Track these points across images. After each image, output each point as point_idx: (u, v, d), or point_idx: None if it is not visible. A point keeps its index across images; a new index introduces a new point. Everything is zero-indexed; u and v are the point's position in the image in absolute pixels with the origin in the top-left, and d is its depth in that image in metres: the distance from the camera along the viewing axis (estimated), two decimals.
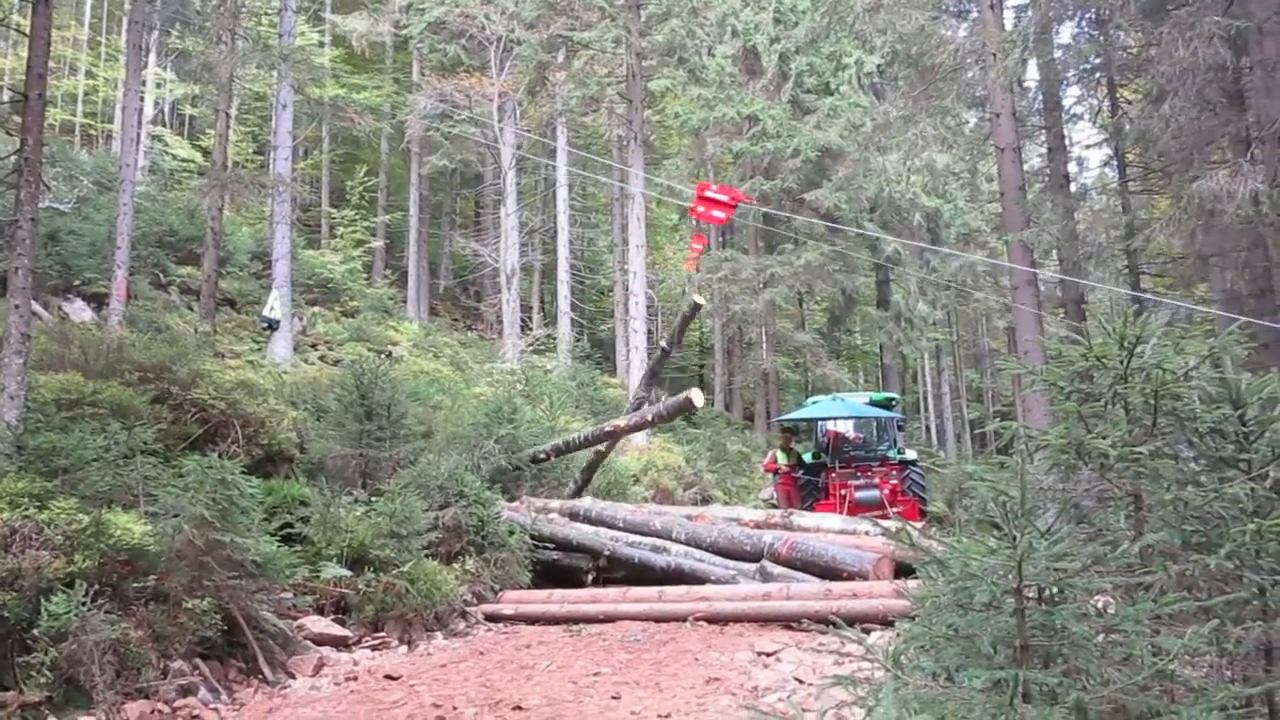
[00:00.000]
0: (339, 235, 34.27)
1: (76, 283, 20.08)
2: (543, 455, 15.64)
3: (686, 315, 15.59)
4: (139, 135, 24.05)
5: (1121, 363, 4.27)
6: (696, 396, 14.51)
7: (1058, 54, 19.76)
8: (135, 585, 7.82)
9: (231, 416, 12.00)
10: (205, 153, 30.88)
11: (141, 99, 25.65)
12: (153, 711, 7.15)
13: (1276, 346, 14.73)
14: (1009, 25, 18.70)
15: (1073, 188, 20.90)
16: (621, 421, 15.19)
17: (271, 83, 27.39)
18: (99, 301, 18.61)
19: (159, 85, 33.51)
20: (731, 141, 30.39)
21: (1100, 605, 4.00)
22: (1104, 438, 4.22)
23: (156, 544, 8.02)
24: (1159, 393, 4.16)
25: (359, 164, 36.80)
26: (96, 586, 7.25)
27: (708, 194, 15.06)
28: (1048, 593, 3.56)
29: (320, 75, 27.51)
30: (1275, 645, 3.79)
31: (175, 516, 8.11)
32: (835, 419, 20.37)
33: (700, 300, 15.25)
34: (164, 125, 34.83)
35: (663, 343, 16.85)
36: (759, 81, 30.32)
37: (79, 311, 19.07)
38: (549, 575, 13.24)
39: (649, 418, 15.60)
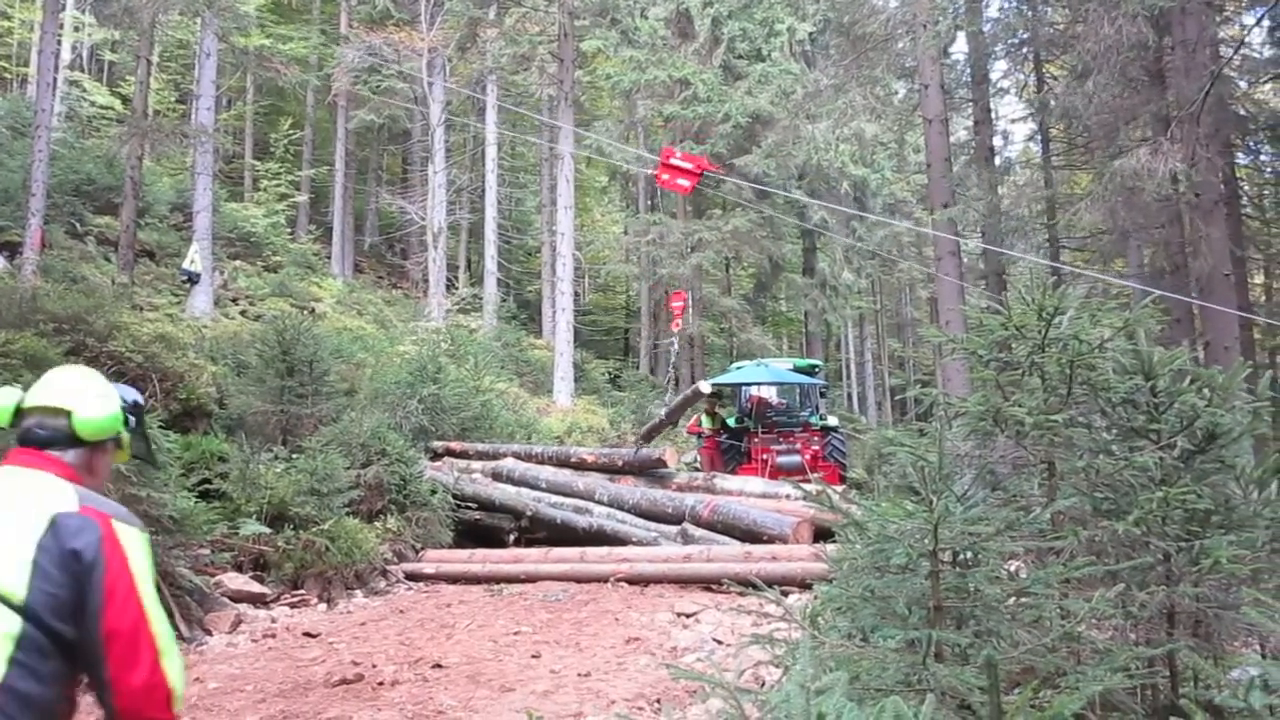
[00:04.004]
0: (262, 188, 33.61)
1: None
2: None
3: (689, 397, 15.90)
4: (55, 80, 23.36)
5: (1039, 333, 4.35)
6: (704, 385, 14.83)
7: (986, 27, 19.95)
8: None
9: (149, 370, 11.81)
10: (125, 100, 30.00)
11: (59, 42, 24.91)
12: None
13: (1189, 321, 15.10)
14: None
15: (997, 161, 21.16)
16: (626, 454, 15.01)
17: (195, 30, 26.69)
18: (12, 250, 18.09)
19: (77, 29, 32.47)
20: (662, 105, 30.26)
21: (1012, 569, 4.10)
22: (1020, 406, 4.30)
23: None
24: (1074, 363, 4.25)
25: (284, 116, 36.05)
26: None
27: (673, 161, 14.65)
28: (962, 556, 3.64)
29: (245, 24, 26.94)
30: (1177, 609, 3.91)
31: None
32: (759, 384, 20.50)
33: (705, 389, 15.46)
34: (82, 70, 33.73)
35: (661, 412, 17.25)
36: (691, 45, 30.20)
37: None
38: (471, 535, 13.25)
39: (663, 416, 16.19)
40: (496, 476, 14.45)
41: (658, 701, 6.54)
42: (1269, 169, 20.48)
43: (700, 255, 30.19)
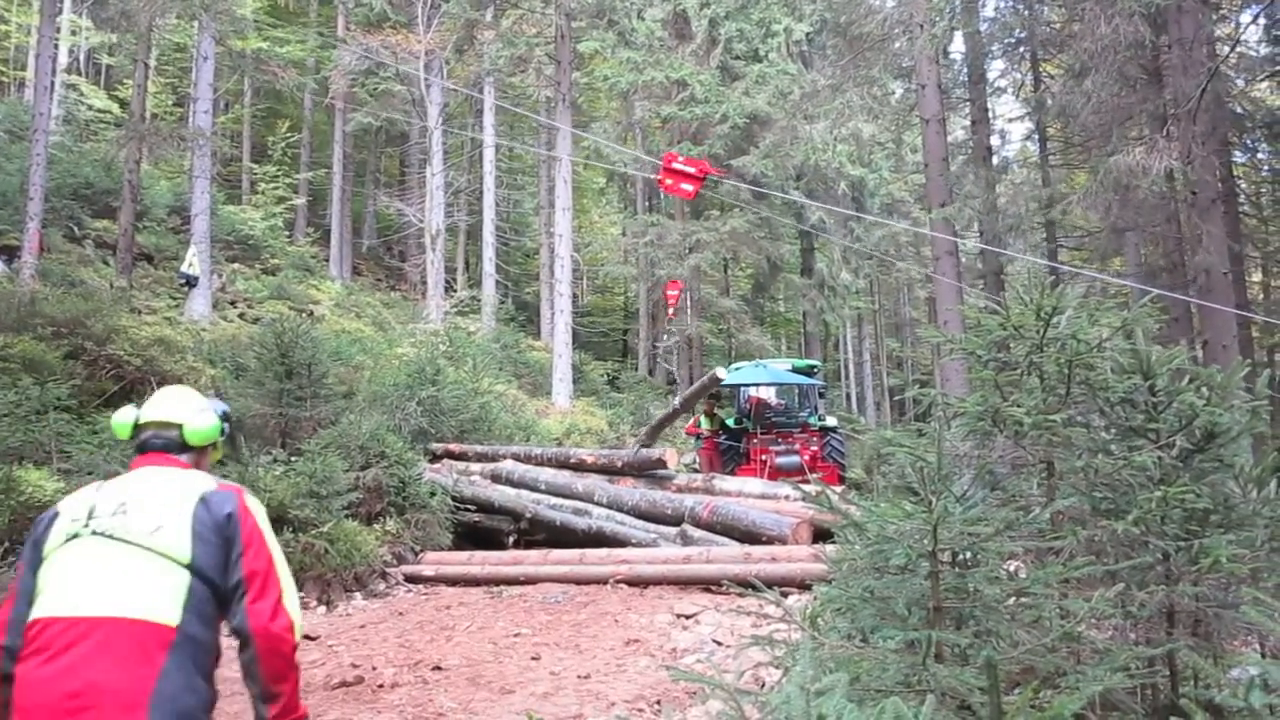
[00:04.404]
0: (260, 191, 33.60)
1: None
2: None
3: (705, 384, 15.75)
4: (53, 84, 23.32)
5: (1038, 333, 4.35)
6: (721, 371, 14.79)
7: (983, 26, 19.97)
8: None
9: (148, 373, 11.81)
10: (122, 104, 29.97)
11: (56, 46, 24.90)
12: None
13: (1186, 320, 15.12)
14: None
15: (995, 160, 21.18)
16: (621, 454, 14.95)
17: (192, 33, 26.68)
18: (10, 254, 18.07)
19: (74, 32, 32.42)
20: (660, 106, 30.24)
21: (1012, 569, 4.10)
22: (1019, 406, 4.30)
23: None
24: (1073, 362, 4.25)
25: (281, 119, 36.01)
26: (7, 544, 7.12)
27: (675, 165, 14.39)
28: (961, 556, 3.64)
29: (243, 27, 26.87)
30: (1177, 609, 3.91)
31: (89, 474, 7.97)
32: (758, 385, 20.50)
33: (722, 374, 15.40)
34: (79, 74, 33.70)
35: (675, 401, 17.19)
36: (688, 46, 30.18)
37: None
38: (470, 537, 13.24)
39: (677, 405, 16.21)
40: (495, 478, 14.44)
41: (658, 703, 6.53)
42: (1266, 167, 20.52)
43: (698, 256, 30.17)
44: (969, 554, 3.64)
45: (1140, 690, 3.84)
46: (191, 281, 20.09)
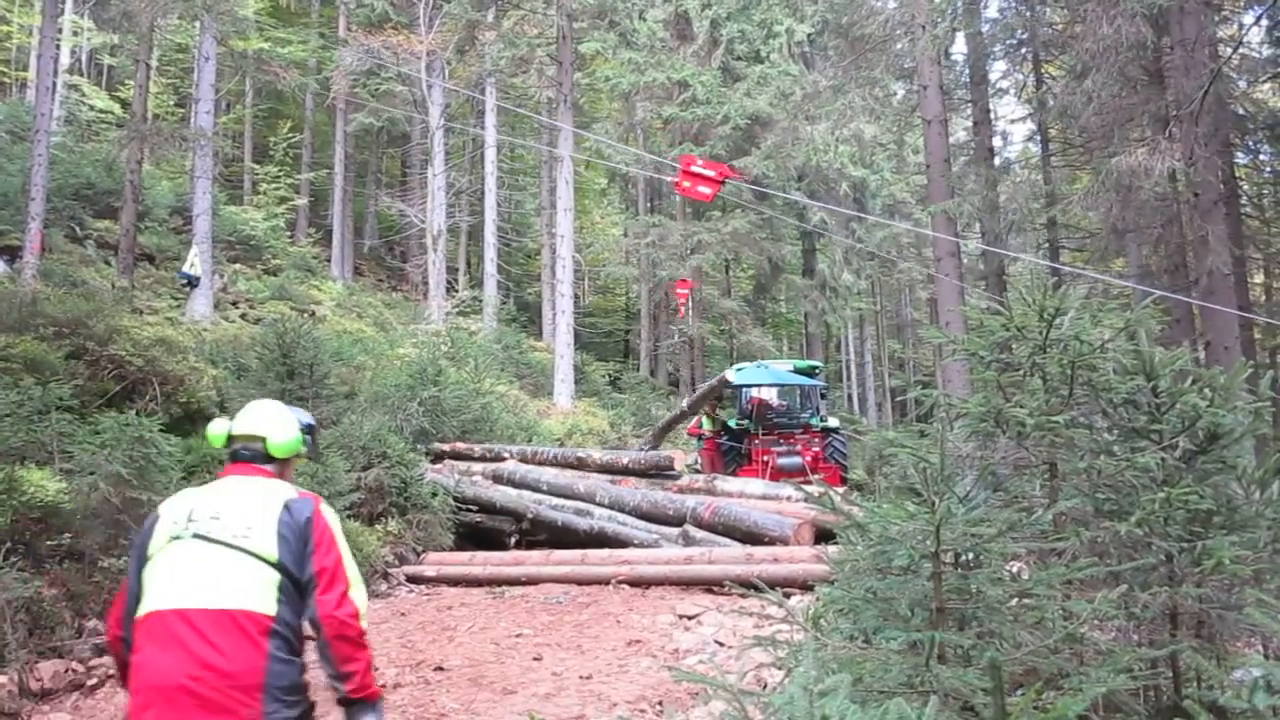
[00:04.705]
0: (262, 192, 33.60)
1: None
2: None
3: (713, 386, 15.73)
4: (55, 84, 23.31)
5: (1040, 334, 4.35)
6: (730, 374, 14.79)
7: (985, 27, 19.96)
8: (49, 543, 7.70)
9: (150, 374, 11.78)
10: (124, 104, 29.95)
11: (58, 47, 24.88)
12: (67, 670, 7.05)
13: (1188, 321, 15.11)
14: None
15: (996, 161, 21.17)
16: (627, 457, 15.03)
17: (194, 34, 26.68)
18: (12, 254, 18.06)
19: (76, 33, 32.42)
20: (661, 107, 30.25)
21: (1014, 570, 4.10)
22: (1022, 407, 4.30)
23: (71, 502, 7.88)
24: (1076, 363, 4.24)
25: (283, 120, 36.01)
26: (8, 544, 7.11)
27: (694, 169, 14.22)
28: (964, 557, 3.64)
29: (244, 27, 26.91)
30: (1180, 610, 3.90)
31: (91, 474, 7.97)
32: (760, 386, 20.49)
33: (731, 376, 15.36)
34: (81, 75, 33.68)
35: (683, 404, 17.23)
36: (690, 47, 30.19)
37: None
38: (472, 537, 13.24)
39: (685, 407, 16.02)
40: (497, 479, 14.44)
41: (659, 703, 6.54)
42: (1268, 168, 20.49)
43: (700, 257, 30.18)
44: (972, 555, 3.64)
45: (1143, 692, 3.84)
46: (193, 282, 20.08)
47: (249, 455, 3.46)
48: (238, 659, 2.94)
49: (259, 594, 3.06)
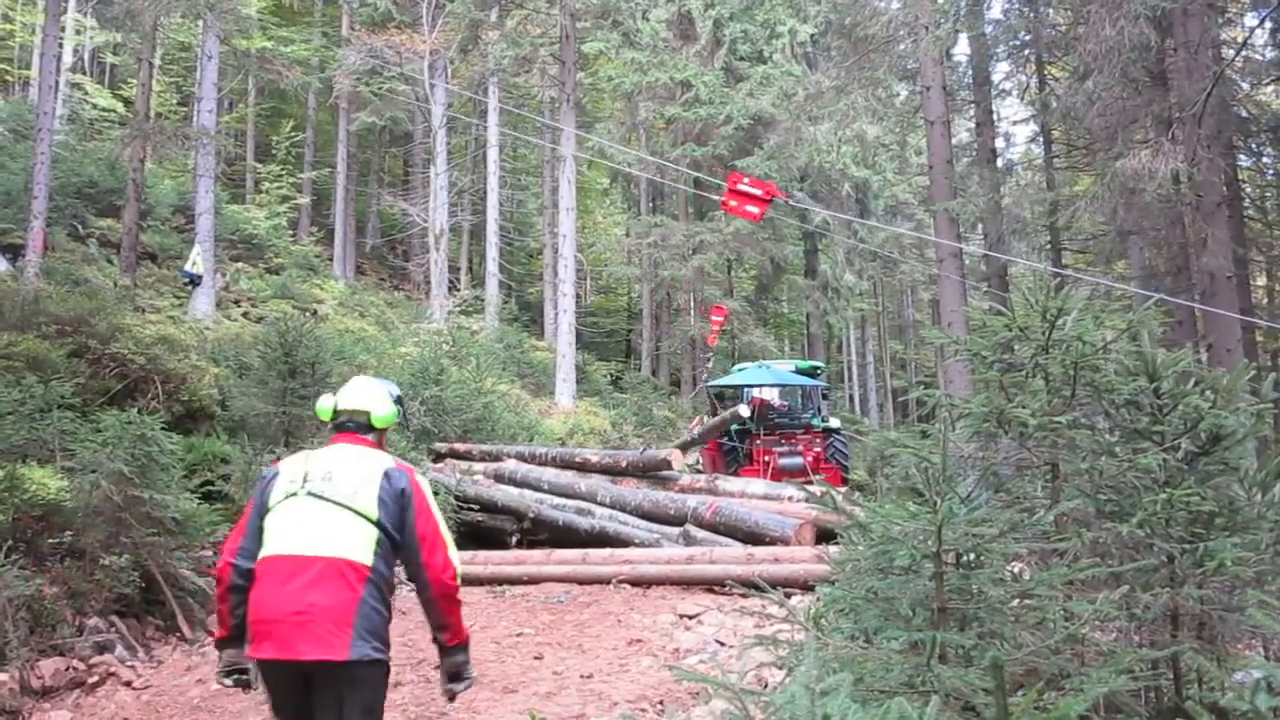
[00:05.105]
0: (264, 191, 33.57)
1: None
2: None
3: (726, 419, 15.80)
4: (57, 83, 23.35)
5: (1043, 334, 4.35)
6: (743, 409, 14.92)
7: (988, 29, 19.96)
8: (50, 541, 7.70)
9: (151, 372, 11.78)
10: (127, 103, 29.96)
11: (60, 45, 24.91)
12: (68, 668, 7.05)
13: (1191, 323, 15.10)
14: None
15: (999, 162, 21.17)
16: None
17: (197, 32, 26.66)
18: (14, 253, 18.06)
19: (79, 31, 32.45)
20: (664, 106, 30.28)
21: (1016, 570, 4.10)
22: (1024, 407, 4.30)
23: (73, 499, 7.89)
24: (1078, 364, 4.24)
25: (286, 119, 36.00)
26: (10, 542, 7.12)
27: (740, 187, 13.96)
28: (966, 558, 3.63)
29: (247, 26, 26.87)
30: (1182, 611, 3.90)
31: (93, 472, 7.97)
32: (761, 386, 20.49)
33: (745, 412, 15.43)
34: (84, 73, 33.69)
35: (695, 433, 17.45)
36: (693, 47, 30.21)
37: None
38: (473, 537, 13.23)
39: (696, 437, 16.84)
40: (499, 478, 14.44)
41: (660, 703, 6.54)
42: (1271, 170, 20.49)
43: (702, 257, 30.20)
44: (973, 555, 3.63)
45: (1145, 693, 3.84)
46: (195, 280, 20.08)
47: (354, 426, 3.99)
48: (336, 598, 3.49)
49: (360, 547, 3.60)
